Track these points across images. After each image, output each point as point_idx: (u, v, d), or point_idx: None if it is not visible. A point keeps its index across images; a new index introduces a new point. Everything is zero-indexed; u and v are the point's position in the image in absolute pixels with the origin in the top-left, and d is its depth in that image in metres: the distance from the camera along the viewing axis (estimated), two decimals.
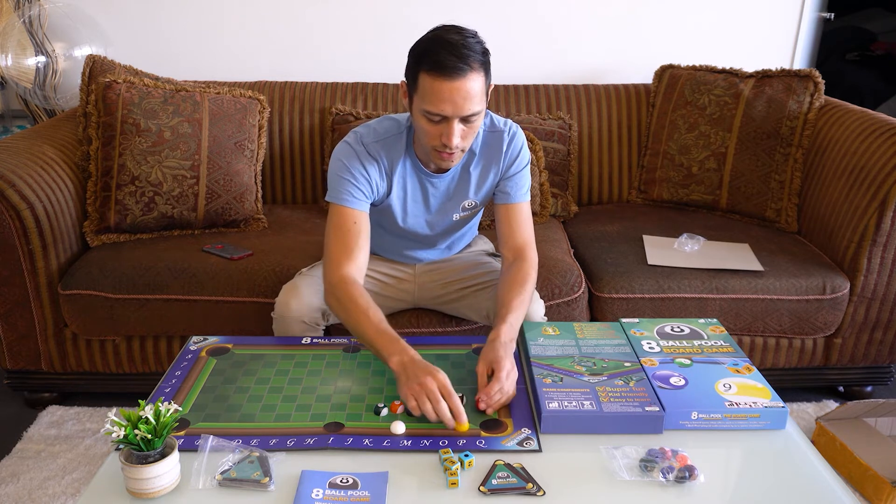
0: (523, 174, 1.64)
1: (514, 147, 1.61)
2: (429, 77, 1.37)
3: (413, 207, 1.64)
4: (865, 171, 1.97)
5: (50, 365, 2.02)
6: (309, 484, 1.07)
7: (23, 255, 1.88)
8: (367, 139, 1.55)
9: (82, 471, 1.81)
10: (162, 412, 1.06)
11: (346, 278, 1.46)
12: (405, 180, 1.60)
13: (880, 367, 2.14)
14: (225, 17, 2.62)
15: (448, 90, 1.36)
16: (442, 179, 1.61)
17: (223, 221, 2.18)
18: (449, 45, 1.35)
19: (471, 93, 1.37)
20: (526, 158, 1.64)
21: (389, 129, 1.57)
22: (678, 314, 1.96)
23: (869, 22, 4.53)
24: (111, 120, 2.07)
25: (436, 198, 1.64)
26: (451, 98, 1.36)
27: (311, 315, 1.60)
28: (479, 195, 1.65)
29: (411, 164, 1.59)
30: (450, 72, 1.34)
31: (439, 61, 1.35)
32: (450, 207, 1.65)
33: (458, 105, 1.37)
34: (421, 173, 1.60)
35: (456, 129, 1.40)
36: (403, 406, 1.24)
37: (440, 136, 1.42)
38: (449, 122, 1.40)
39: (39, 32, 2.47)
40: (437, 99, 1.37)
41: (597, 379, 1.30)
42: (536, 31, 2.66)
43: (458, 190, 1.63)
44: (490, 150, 1.60)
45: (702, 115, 2.36)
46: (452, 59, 1.34)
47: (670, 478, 1.09)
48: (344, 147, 1.55)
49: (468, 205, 1.66)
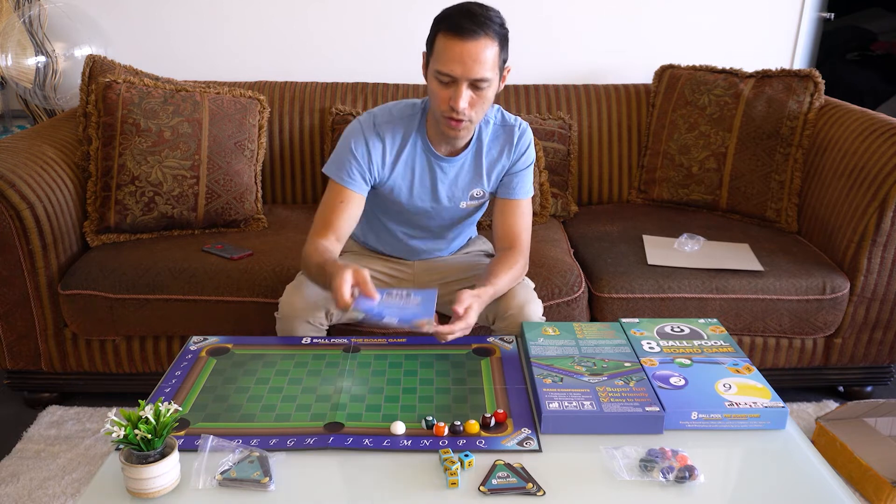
0: (527, 172, 1.69)
1: (523, 143, 1.67)
2: (444, 38, 1.44)
3: (420, 191, 1.66)
4: (865, 171, 1.97)
5: (50, 365, 2.02)
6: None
7: (23, 255, 1.88)
8: (380, 119, 1.62)
9: (82, 471, 1.81)
10: (162, 412, 1.06)
11: (318, 242, 1.57)
12: (413, 161, 1.64)
13: (880, 367, 2.14)
14: (225, 17, 2.62)
15: (460, 51, 1.42)
16: (452, 165, 1.65)
17: (223, 221, 2.18)
18: (469, 13, 1.44)
19: (481, 57, 1.42)
20: (531, 157, 1.69)
21: (404, 111, 1.63)
22: (678, 314, 1.96)
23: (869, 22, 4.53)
24: (111, 120, 2.07)
25: (444, 183, 1.66)
26: (462, 59, 1.42)
27: (315, 315, 1.60)
28: (488, 185, 1.69)
29: (422, 146, 1.63)
30: (464, 33, 1.41)
31: (456, 23, 1.42)
32: (458, 195, 1.68)
33: (468, 66, 1.42)
34: (431, 156, 1.63)
35: (464, 93, 1.45)
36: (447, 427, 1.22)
37: (449, 99, 1.47)
38: (458, 84, 1.45)
39: (39, 32, 2.47)
40: (448, 59, 1.43)
41: (597, 379, 1.30)
42: (537, 31, 2.66)
43: (467, 178, 1.67)
44: (501, 143, 1.66)
45: (702, 115, 2.36)
46: (469, 22, 1.42)
47: (670, 478, 1.09)
48: (354, 126, 1.62)
49: (476, 194, 1.69)
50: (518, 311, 1.60)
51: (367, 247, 1.86)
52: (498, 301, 1.61)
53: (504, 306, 1.61)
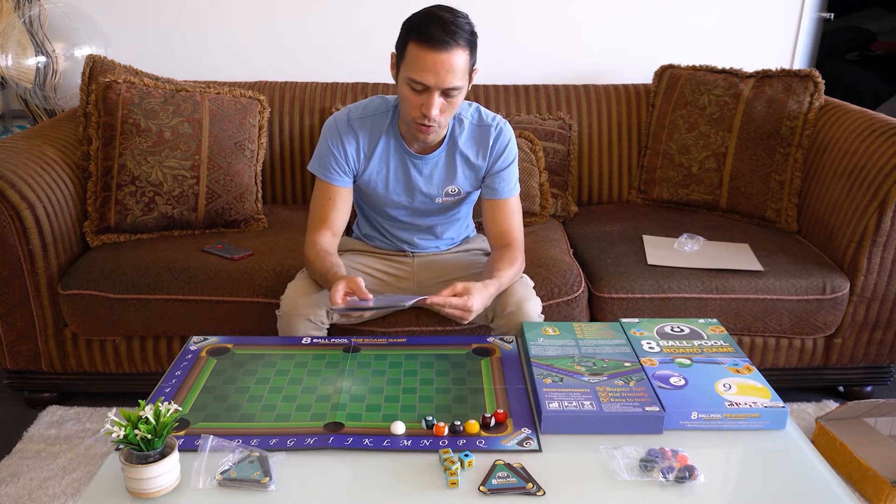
0: (510, 170, 1.71)
1: (501, 143, 1.69)
2: (416, 47, 1.46)
3: (395, 185, 1.72)
4: (865, 171, 1.97)
5: (50, 365, 2.02)
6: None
7: (23, 255, 1.88)
8: (354, 114, 1.67)
9: (82, 471, 1.81)
10: (162, 412, 1.06)
11: (316, 241, 1.65)
12: (387, 157, 1.69)
13: (880, 367, 2.14)
14: (225, 17, 2.62)
15: (433, 61, 1.45)
16: (426, 163, 1.69)
17: (223, 221, 2.18)
18: (440, 21, 1.46)
19: (454, 67, 1.47)
20: (513, 154, 1.71)
21: (378, 107, 1.68)
22: (678, 314, 1.96)
23: (869, 22, 4.52)
24: (111, 120, 2.07)
25: (418, 180, 1.70)
26: (435, 69, 1.46)
27: (316, 312, 1.61)
28: (463, 183, 1.72)
29: (395, 143, 1.68)
30: (437, 43, 1.44)
31: (428, 33, 1.45)
32: (433, 191, 1.72)
33: (441, 76, 1.46)
34: (405, 153, 1.68)
35: (436, 101, 1.50)
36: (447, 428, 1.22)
37: (420, 106, 1.51)
38: (430, 92, 1.49)
39: (39, 32, 2.47)
40: (422, 68, 1.46)
41: (597, 379, 1.30)
42: (537, 31, 2.66)
43: (441, 175, 1.70)
44: (476, 143, 1.69)
45: (702, 115, 2.36)
46: (441, 32, 1.44)
47: (670, 478, 1.09)
48: (329, 122, 1.69)
49: (452, 191, 1.72)
50: (517, 308, 1.61)
51: (365, 240, 1.90)
52: (497, 298, 1.62)
53: (503, 304, 1.62)
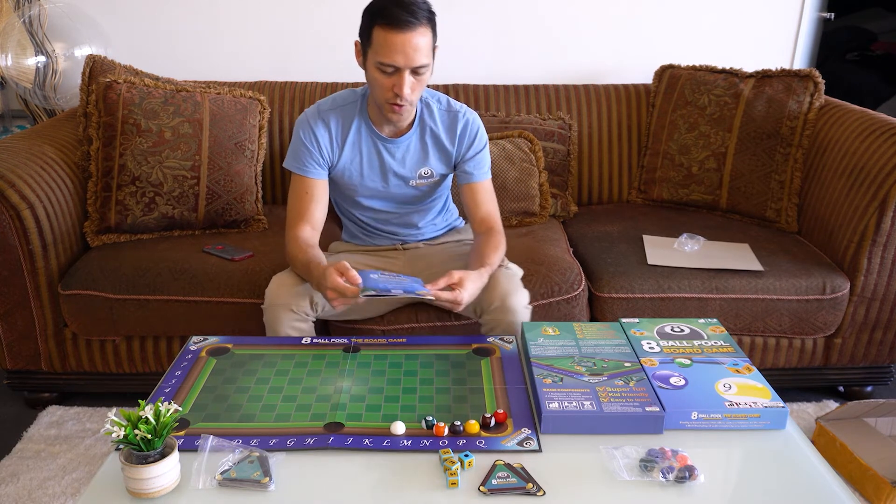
0: (483, 155, 1.80)
1: (472, 129, 1.77)
2: (382, 30, 1.53)
3: (369, 172, 1.77)
4: (865, 171, 1.97)
5: (50, 365, 2.02)
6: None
7: (23, 255, 1.88)
8: (324, 107, 1.74)
9: (82, 471, 1.81)
10: (162, 412, 1.06)
11: (297, 236, 1.69)
12: (360, 144, 1.74)
13: (880, 367, 2.14)
14: (225, 17, 2.62)
15: (400, 42, 1.52)
16: (398, 146, 1.74)
17: (223, 222, 2.18)
18: (400, 3, 1.52)
19: (420, 45, 1.53)
20: (484, 140, 1.81)
21: (347, 98, 1.75)
22: (678, 314, 1.96)
23: (869, 22, 4.52)
24: (112, 120, 2.07)
25: (391, 164, 1.76)
26: (403, 49, 1.52)
27: (299, 303, 1.62)
28: (436, 165, 1.78)
29: (366, 130, 1.74)
30: (402, 24, 1.51)
31: (392, 15, 1.51)
32: (406, 174, 1.77)
33: (409, 56, 1.53)
34: (376, 138, 1.74)
35: (407, 80, 1.56)
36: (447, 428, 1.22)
37: (392, 86, 1.57)
38: (401, 73, 1.55)
39: (39, 32, 2.47)
40: (391, 50, 1.53)
41: (597, 379, 1.30)
42: (537, 31, 2.66)
43: (414, 158, 1.77)
44: (446, 126, 1.77)
45: (702, 115, 2.36)
46: (404, 13, 1.51)
47: (670, 478, 1.09)
48: (301, 118, 1.74)
49: (425, 173, 1.78)
50: (501, 302, 1.61)
51: (354, 243, 1.92)
52: (483, 292, 1.61)
53: (488, 299, 1.62)
